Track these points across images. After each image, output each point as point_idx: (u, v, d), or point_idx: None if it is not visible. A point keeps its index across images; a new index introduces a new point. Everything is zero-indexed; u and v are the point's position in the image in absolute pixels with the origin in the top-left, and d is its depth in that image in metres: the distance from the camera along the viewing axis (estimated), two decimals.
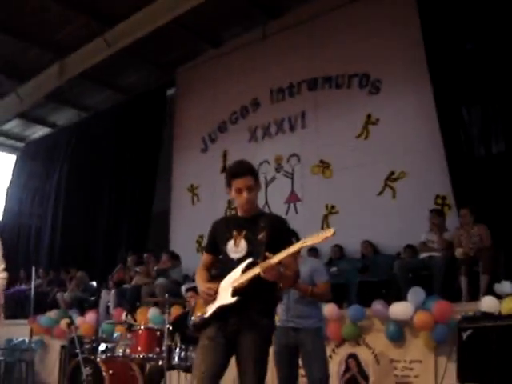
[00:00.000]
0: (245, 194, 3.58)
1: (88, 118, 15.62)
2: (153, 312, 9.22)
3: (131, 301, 10.45)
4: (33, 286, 6.93)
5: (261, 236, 3.50)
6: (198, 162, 12.72)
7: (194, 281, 9.83)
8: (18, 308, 12.83)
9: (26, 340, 11.74)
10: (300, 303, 5.19)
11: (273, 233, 3.51)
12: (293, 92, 11.43)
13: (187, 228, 12.38)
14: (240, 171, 3.63)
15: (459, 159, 8.74)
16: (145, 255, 11.60)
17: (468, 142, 8.77)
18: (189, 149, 12.99)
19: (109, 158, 14.22)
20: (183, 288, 9.46)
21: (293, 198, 10.90)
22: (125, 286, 11.12)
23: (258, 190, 3.71)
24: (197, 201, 12.61)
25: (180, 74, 13.68)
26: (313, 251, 8.85)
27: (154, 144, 13.50)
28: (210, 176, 12.04)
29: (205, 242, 11.56)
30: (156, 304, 9.66)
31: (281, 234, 3.59)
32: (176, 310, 7.83)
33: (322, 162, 10.63)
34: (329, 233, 3.15)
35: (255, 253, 3.49)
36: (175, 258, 10.99)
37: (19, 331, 11.58)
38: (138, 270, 11.19)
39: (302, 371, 5.38)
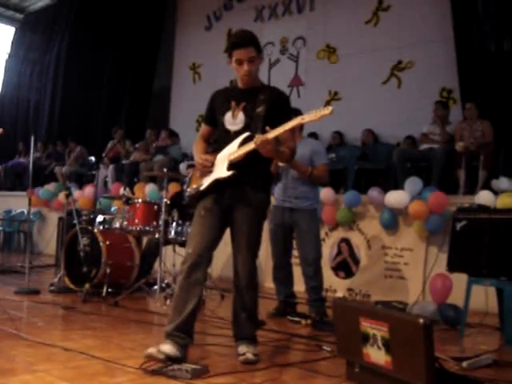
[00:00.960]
0: (245, 66, 3.47)
1: None
2: (150, 187, 9.31)
3: (129, 176, 10.53)
4: (31, 158, 6.88)
5: (260, 109, 3.45)
6: (201, 40, 12.46)
7: (193, 159, 9.90)
8: (16, 180, 12.96)
9: (25, 211, 11.95)
10: (298, 184, 5.22)
11: (272, 107, 3.45)
12: None
13: (187, 106, 12.29)
14: (242, 41, 3.49)
15: (469, 53, 8.53)
16: (147, 131, 11.56)
17: (480, 36, 8.52)
18: (192, 26, 12.68)
19: (110, 33, 13.88)
20: (182, 165, 9.49)
21: (296, 82, 10.75)
22: (123, 161, 11.15)
23: (261, 62, 3.60)
24: (198, 79, 12.46)
25: None
26: (313, 136, 8.82)
27: (157, 20, 13.17)
28: (213, 55, 11.77)
29: None
30: (154, 180, 9.73)
31: (281, 109, 3.52)
32: (173, 187, 7.90)
33: (328, 46, 10.42)
34: (327, 110, 3.10)
35: (253, 126, 3.44)
36: (174, 135, 10.97)
37: (18, 203, 11.78)
38: (136, 145, 11.19)
39: (295, 252, 5.50)
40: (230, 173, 3.38)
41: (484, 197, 6.45)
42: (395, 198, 7.03)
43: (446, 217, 6.53)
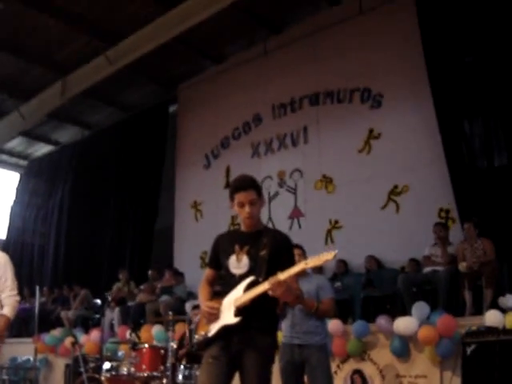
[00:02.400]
0: (247, 208, 3.57)
1: (91, 136, 15.68)
2: (157, 329, 9.20)
3: (135, 318, 10.44)
4: (37, 304, 6.92)
5: (263, 253, 3.50)
6: (200, 179, 12.75)
7: (198, 297, 9.86)
8: (22, 326, 12.82)
9: (31, 358, 11.75)
10: (306, 319, 5.18)
11: (275, 250, 3.51)
12: (294, 107, 11.47)
13: (191, 244, 12.36)
14: (242, 185, 3.62)
15: (462, 172, 8.76)
16: (149, 272, 11.60)
17: (470, 154, 8.80)
18: (192, 165, 13.01)
19: (112, 176, 14.26)
20: (187, 305, 9.45)
21: (296, 213, 10.90)
22: (129, 303, 11.11)
23: (262, 204, 3.69)
24: (200, 217, 12.61)
25: (182, 90, 13.74)
26: (317, 267, 8.81)
27: (157, 161, 13.53)
28: (213, 192, 12.04)
29: (208, 258, 11.59)
30: (160, 322, 9.65)
31: (283, 251, 3.58)
32: (180, 328, 7.81)
33: (324, 176, 10.64)
34: (330, 256, 3.14)
35: (257, 269, 3.48)
36: (179, 274, 10.98)
37: (23, 350, 11.59)
38: (141, 287, 11.19)
39: None
40: (237, 319, 3.39)
41: (492, 317, 6.38)
42: (404, 324, 6.95)
43: (456, 340, 6.44)
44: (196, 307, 7.06)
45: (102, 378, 6.23)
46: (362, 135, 10.27)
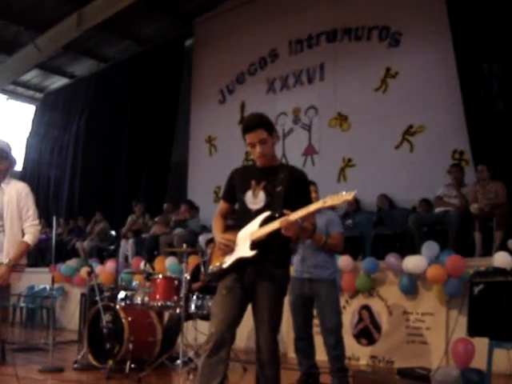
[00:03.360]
0: (258, 148, 3.58)
1: (106, 69, 15.65)
2: (170, 261, 9.40)
3: (149, 250, 10.64)
4: (54, 234, 7.04)
5: (279, 189, 3.53)
6: (215, 114, 12.76)
7: (211, 231, 10.01)
8: (38, 256, 13.11)
9: (47, 287, 12.06)
10: (316, 254, 5.28)
11: (292, 186, 3.54)
12: (312, 43, 11.34)
13: (205, 179, 12.49)
14: (250, 125, 3.61)
15: (478, 114, 8.69)
16: (164, 205, 11.75)
17: (488, 97, 8.72)
18: (207, 100, 13.01)
19: (127, 109, 14.28)
20: (201, 238, 9.61)
21: (310, 151, 10.93)
22: (143, 235, 11.30)
23: (275, 141, 3.68)
24: (214, 152, 12.68)
25: (198, 24, 13.61)
26: None
27: (172, 95, 13.50)
28: (228, 127, 12.06)
29: (221, 193, 11.71)
30: (174, 253, 9.82)
31: (300, 188, 3.60)
32: (193, 260, 7.97)
33: (339, 114, 10.61)
34: (349, 196, 3.16)
35: (273, 205, 3.51)
36: (194, 208, 11.11)
37: (40, 279, 11.87)
38: (156, 220, 11.35)
39: (316, 320, 5.54)
40: (253, 252, 3.45)
41: (500, 258, 6.45)
42: (413, 263, 7.05)
43: (464, 280, 6.53)
44: (210, 241, 7.18)
45: (117, 307, 6.42)
46: (379, 74, 10.19)
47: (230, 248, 3.57)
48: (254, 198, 3.61)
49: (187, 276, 6.27)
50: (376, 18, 10.31)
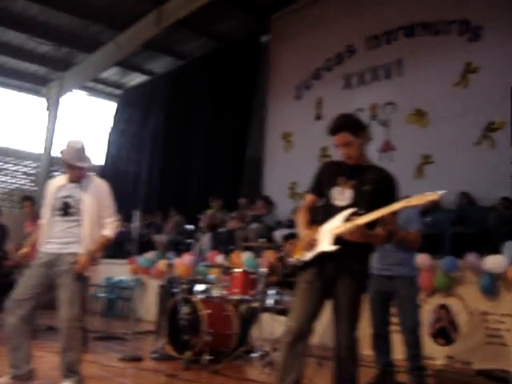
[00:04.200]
0: (343, 150, 3.62)
1: (184, 66, 15.88)
2: (247, 256, 9.48)
3: (225, 244, 10.76)
4: (136, 228, 7.27)
5: (367, 187, 3.54)
6: (291, 110, 12.76)
7: (287, 227, 10.04)
8: (116, 249, 13.47)
9: (126, 279, 12.39)
10: (395, 251, 5.24)
11: (379, 186, 3.53)
12: (389, 39, 11.19)
13: (280, 175, 12.53)
14: (334, 128, 3.65)
15: None
16: (239, 200, 11.85)
17: None
18: (283, 96, 13.03)
19: (204, 105, 14.47)
20: (277, 233, 9.65)
21: (387, 147, 10.80)
22: (219, 229, 11.43)
23: (363, 142, 3.68)
24: (290, 148, 12.68)
25: (274, 20, 13.64)
26: None
27: (248, 91, 13.60)
28: (304, 124, 12.07)
29: (297, 188, 11.76)
30: (249, 248, 9.90)
31: (387, 189, 3.60)
32: (269, 255, 8.02)
33: (418, 110, 10.44)
34: (435, 196, 3.14)
35: (359, 203, 3.53)
36: (270, 204, 11.16)
37: (118, 270, 12.20)
38: (232, 215, 11.48)
39: (393, 319, 5.50)
40: (334, 247, 3.48)
41: None
42: (493, 262, 6.88)
43: None
44: (288, 237, 7.21)
45: (195, 300, 6.55)
46: (459, 68, 9.95)
47: (312, 246, 3.59)
48: (341, 195, 3.63)
49: (264, 270, 6.33)
50: (455, 11, 10.08)
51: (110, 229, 4.74)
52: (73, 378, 4.41)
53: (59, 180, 4.90)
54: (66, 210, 4.63)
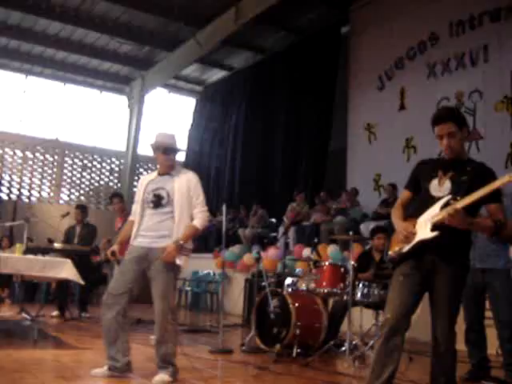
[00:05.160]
0: (445, 141, 3.54)
1: (263, 60, 15.95)
2: (332, 249, 9.45)
3: (310, 238, 10.75)
4: (222, 222, 7.34)
5: (465, 178, 3.47)
6: (374, 100, 12.60)
7: (373, 219, 9.94)
8: (202, 243, 13.70)
9: (211, 272, 12.58)
10: (488, 242, 5.11)
11: (478, 177, 3.43)
12: (474, 24, 10.87)
13: (364, 167, 12.42)
14: (440, 117, 3.59)
15: None
16: (322, 193, 11.81)
17: None
18: (365, 87, 12.90)
19: (284, 99, 14.49)
20: (363, 226, 9.58)
21: (474, 136, 10.51)
22: (304, 223, 11.44)
23: (464, 135, 3.61)
24: (373, 139, 12.53)
25: (354, 11, 13.52)
26: None
27: (329, 83, 13.53)
28: (387, 114, 11.91)
29: (382, 181, 11.60)
30: (334, 241, 9.85)
31: (486, 180, 3.41)
32: (356, 249, 7.95)
33: (505, 97, 10.11)
34: None
35: (458, 193, 3.44)
36: (355, 196, 11.08)
37: (204, 264, 12.40)
38: (316, 208, 11.46)
39: (488, 313, 5.36)
40: (434, 234, 3.40)
41: None
42: None
43: None
44: (376, 230, 7.14)
45: (284, 293, 6.57)
46: None
47: (409, 240, 3.54)
48: (440, 186, 3.57)
49: (353, 263, 6.28)
50: None
51: (199, 219, 4.70)
52: (168, 370, 4.50)
53: (150, 175, 4.97)
54: (158, 201, 4.66)
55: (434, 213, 3.47)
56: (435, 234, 3.40)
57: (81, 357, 5.66)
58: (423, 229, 3.49)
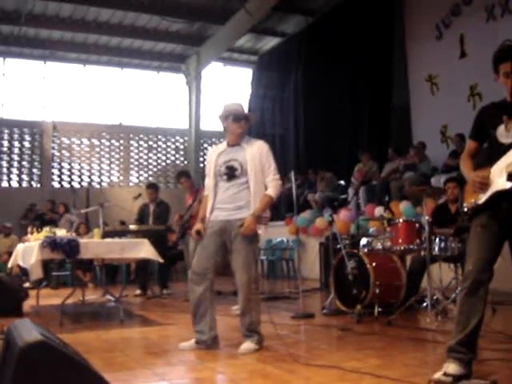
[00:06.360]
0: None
1: (315, 22, 15.71)
2: (405, 205, 9.35)
3: (380, 196, 10.66)
4: (291, 188, 7.37)
5: None
6: (433, 51, 12.22)
7: (444, 172, 9.77)
8: (272, 211, 13.75)
9: (284, 239, 12.67)
10: None
11: None
12: None
13: (429, 119, 12.12)
14: (506, 54, 3.45)
15: None
16: (389, 150, 11.65)
17: None
18: (422, 38, 12.53)
19: (342, 58, 14.25)
20: (434, 179, 9.43)
21: None
22: (373, 182, 11.35)
23: None
24: (436, 90, 12.19)
25: None
26: None
27: (385, 37, 13.23)
28: (448, 64, 11.56)
29: (449, 132, 11.36)
30: (404, 197, 9.72)
31: None
32: (429, 203, 7.84)
33: None
34: None
35: None
36: (422, 151, 10.88)
37: (276, 232, 12.49)
38: (384, 166, 11.33)
39: None
40: (511, 184, 3.33)
41: None
42: None
43: None
44: (449, 180, 7.03)
45: (361, 253, 6.58)
46: None
47: (485, 185, 3.46)
48: (507, 132, 3.44)
49: (427, 218, 6.21)
50: None
51: (273, 187, 4.69)
52: (254, 338, 4.59)
53: (218, 147, 4.96)
54: (232, 173, 4.67)
55: (508, 161, 3.37)
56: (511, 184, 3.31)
57: (167, 332, 5.83)
58: (498, 179, 3.40)
